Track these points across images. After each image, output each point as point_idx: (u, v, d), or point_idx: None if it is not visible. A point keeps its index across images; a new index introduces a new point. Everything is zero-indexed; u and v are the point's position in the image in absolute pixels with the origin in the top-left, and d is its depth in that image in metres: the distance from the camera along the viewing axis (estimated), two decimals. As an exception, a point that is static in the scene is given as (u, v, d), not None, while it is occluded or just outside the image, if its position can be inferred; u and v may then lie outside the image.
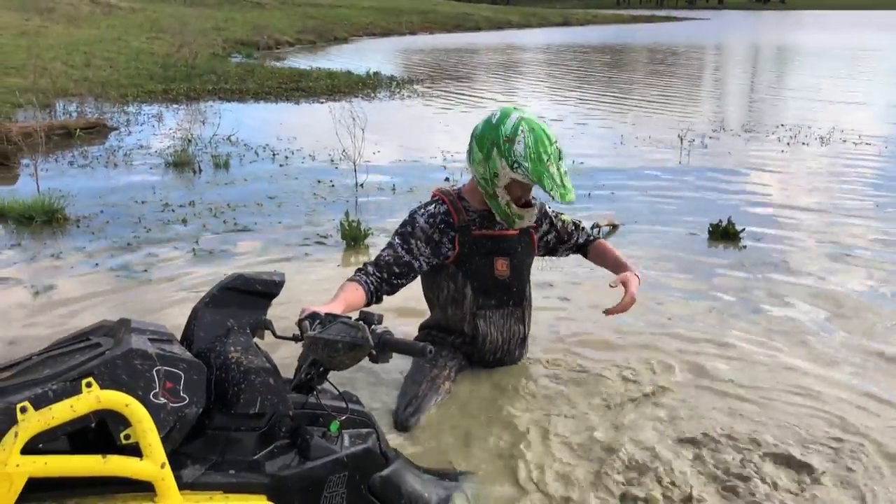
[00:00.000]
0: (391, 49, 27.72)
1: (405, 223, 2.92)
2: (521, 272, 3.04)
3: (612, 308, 2.98)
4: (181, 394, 1.47)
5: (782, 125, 10.38)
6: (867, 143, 9.03)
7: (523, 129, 2.75)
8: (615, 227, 5.42)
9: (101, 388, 1.37)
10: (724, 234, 5.11)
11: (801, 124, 10.33)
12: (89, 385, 1.36)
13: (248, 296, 1.76)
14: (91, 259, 4.69)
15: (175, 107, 11.89)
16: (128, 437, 1.38)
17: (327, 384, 1.83)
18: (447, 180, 6.73)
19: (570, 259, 3.43)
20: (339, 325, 1.79)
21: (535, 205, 2.98)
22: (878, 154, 8.45)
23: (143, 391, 1.43)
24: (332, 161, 7.69)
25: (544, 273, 4.05)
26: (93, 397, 1.35)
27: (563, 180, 2.77)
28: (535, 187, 2.87)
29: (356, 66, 18.10)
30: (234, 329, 1.71)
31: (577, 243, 3.25)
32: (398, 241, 2.87)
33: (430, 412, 2.80)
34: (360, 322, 1.77)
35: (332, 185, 6.71)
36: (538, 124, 2.80)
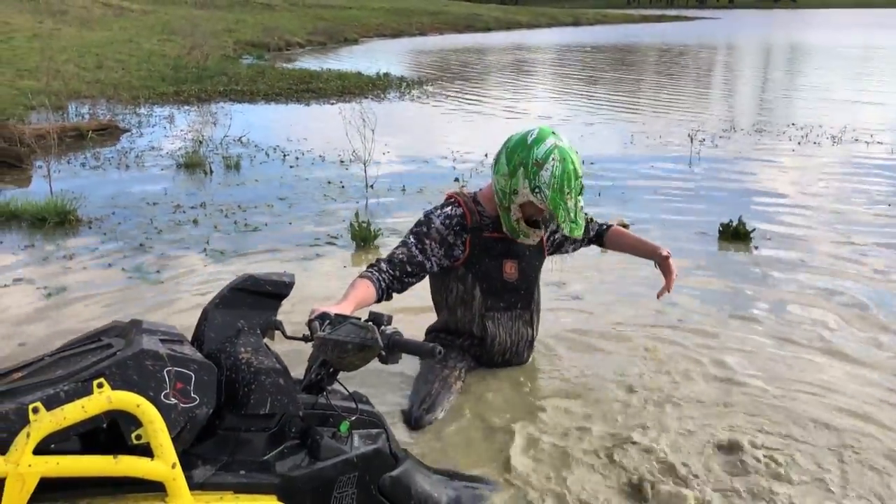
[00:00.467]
0: (401, 50, 27.73)
1: (420, 223, 2.94)
2: (529, 275, 3.06)
3: (661, 290, 3.08)
4: (192, 394, 1.48)
5: (793, 124, 10.32)
6: (879, 143, 8.97)
7: (555, 158, 2.75)
8: (625, 226, 5.38)
9: (113, 388, 1.38)
10: (734, 233, 5.08)
11: (813, 124, 10.26)
12: (101, 386, 1.37)
13: (259, 296, 1.76)
14: (103, 260, 4.72)
15: (186, 108, 11.94)
16: (139, 437, 1.39)
17: (337, 385, 1.84)
18: (457, 181, 6.73)
19: (580, 257, 3.43)
20: (348, 325, 1.79)
21: (542, 229, 2.98)
22: (890, 153, 8.38)
23: (154, 392, 1.43)
24: (343, 162, 7.70)
25: (554, 272, 4.04)
26: (104, 398, 1.35)
27: (576, 216, 2.81)
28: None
29: (366, 67, 18.11)
30: (245, 330, 1.71)
31: (590, 237, 3.26)
32: (413, 240, 2.89)
33: (444, 411, 2.81)
34: (370, 323, 1.78)
35: (343, 186, 6.73)
36: (570, 156, 2.79)
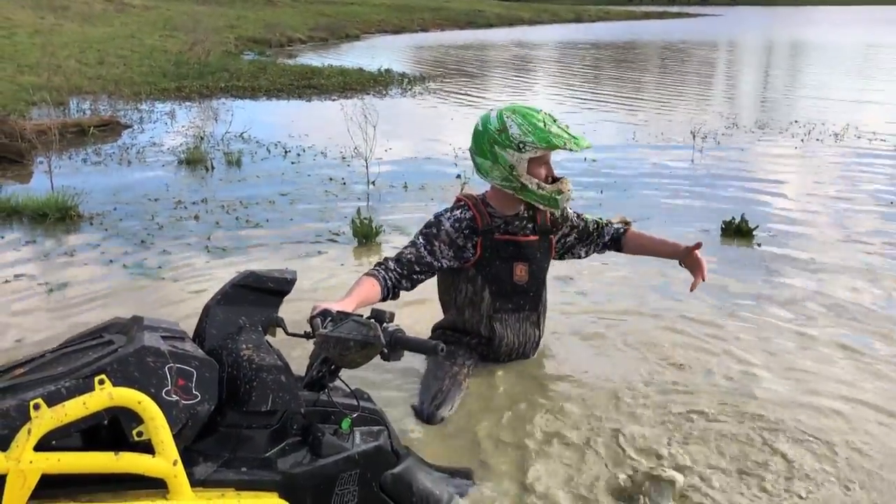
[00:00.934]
0: (403, 46, 27.69)
1: (430, 224, 2.94)
2: (538, 277, 3.07)
3: (694, 283, 3.05)
4: (193, 391, 1.48)
5: (796, 122, 10.30)
6: (882, 140, 8.95)
7: (508, 115, 2.83)
8: (627, 224, 5.38)
9: (114, 385, 1.38)
10: (737, 231, 5.08)
11: (815, 121, 10.23)
12: (102, 382, 1.37)
13: (260, 293, 1.76)
14: (104, 256, 4.71)
15: (188, 104, 11.92)
16: (140, 434, 1.38)
17: (339, 382, 1.84)
18: (458, 177, 6.72)
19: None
20: (350, 322, 1.79)
21: (563, 177, 2.95)
22: (893, 150, 8.36)
23: (156, 388, 1.43)
24: (344, 158, 7.69)
25: (562, 268, 4.03)
26: (105, 394, 1.35)
27: (569, 133, 2.83)
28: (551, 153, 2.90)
29: (368, 63, 18.08)
30: (246, 326, 1.71)
31: (605, 241, 3.25)
32: (422, 240, 2.89)
33: (453, 407, 2.81)
34: (372, 320, 1.77)
35: (344, 183, 6.72)
36: (518, 105, 2.90)
